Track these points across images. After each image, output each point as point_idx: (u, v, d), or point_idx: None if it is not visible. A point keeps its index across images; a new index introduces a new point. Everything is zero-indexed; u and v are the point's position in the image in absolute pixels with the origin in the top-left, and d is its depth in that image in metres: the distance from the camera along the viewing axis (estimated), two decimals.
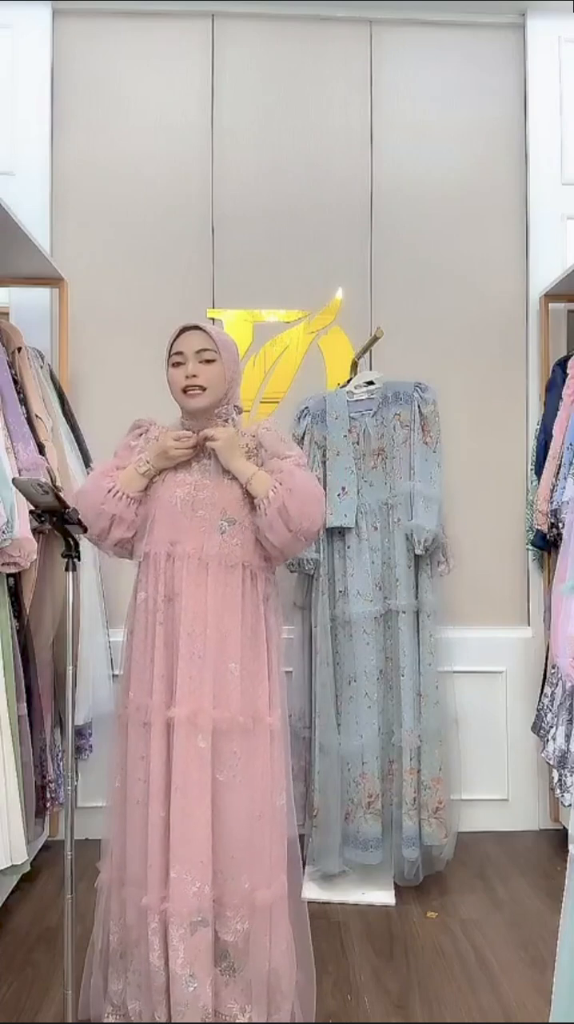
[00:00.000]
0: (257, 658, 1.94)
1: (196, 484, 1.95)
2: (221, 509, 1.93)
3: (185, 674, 1.86)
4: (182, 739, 1.83)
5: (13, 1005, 2.04)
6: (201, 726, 1.83)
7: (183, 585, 1.90)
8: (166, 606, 1.91)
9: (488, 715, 3.16)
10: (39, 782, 2.42)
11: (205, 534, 1.91)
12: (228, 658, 1.88)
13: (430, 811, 2.64)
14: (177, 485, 1.95)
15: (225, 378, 1.97)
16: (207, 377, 1.94)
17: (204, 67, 3.26)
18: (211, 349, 1.94)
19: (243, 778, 1.85)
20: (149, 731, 1.87)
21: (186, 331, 1.97)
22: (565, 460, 2.78)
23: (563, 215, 3.28)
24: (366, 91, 3.30)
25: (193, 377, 1.93)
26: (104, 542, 1.98)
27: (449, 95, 3.31)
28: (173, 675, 1.87)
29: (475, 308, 3.28)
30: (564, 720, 2.60)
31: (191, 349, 1.94)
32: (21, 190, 3.07)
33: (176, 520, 1.92)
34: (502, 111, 3.32)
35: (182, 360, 1.95)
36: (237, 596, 1.92)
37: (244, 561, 1.94)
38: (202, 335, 1.95)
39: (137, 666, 1.94)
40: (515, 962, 2.25)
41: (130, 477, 1.96)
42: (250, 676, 1.91)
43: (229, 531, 1.93)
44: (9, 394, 2.38)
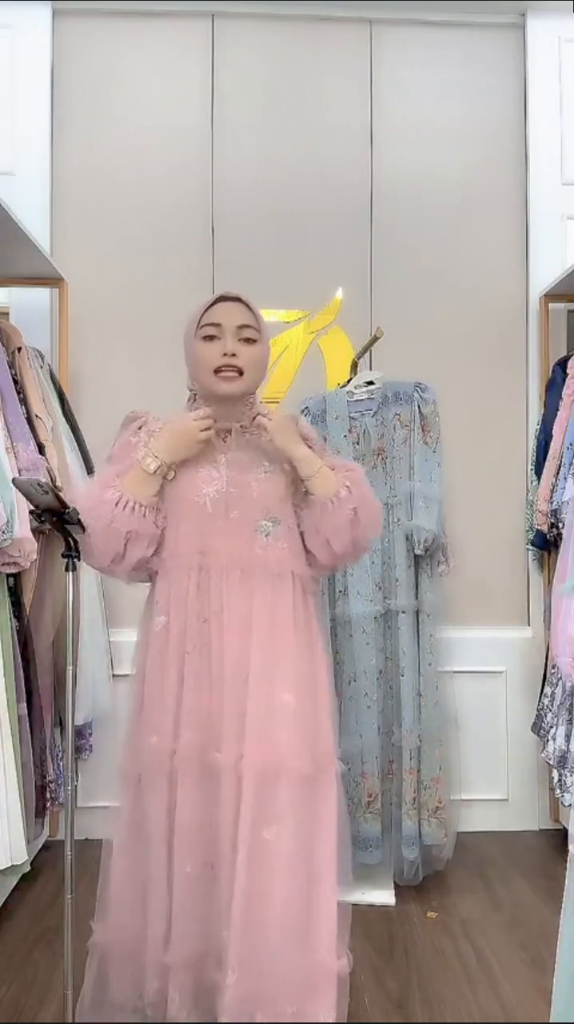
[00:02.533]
0: (314, 686, 1.63)
1: (228, 479, 1.65)
2: (262, 507, 1.64)
3: (230, 710, 1.57)
4: (224, 788, 1.56)
5: (13, 1005, 2.04)
6: (246, 774, 1.54)
7: (223, 601, 1.60)
8: (199, 629, 1.60)
9: (488, 715, 3.16)
10: (39, 782, 2.42)
11: (244, 538, 1.62)
12: (280, 687, 1.58)
13: (430, 811, 2.64)
14: (203, 482, 1.65)
15: (263, 362, 1.70)
16: (247, 359, 1.65)
17: (204, 67, 3.26)
18: (254, 327, 1.66)
19: (298, 837, 1.56)
20: (174, 782, 1.59)
21: (224, 301, 1.67)
22: (565, 460, 2.78)
23: (563, 215, 3.28)
24: (366, 91, 3.30)
25: (232, 356, 1.63)
26: (119, 567, 1.64)
27: (449, 95, 3.31)
28: (210, 713, 1.59)
29: (475, 308, 3.28)
30: (564, 720, 2.60)
31: (231, 323, 1.65)
32: (21, 190, 3.07)
33: (206, 524, 1.62)
34: (502, 111, 3.32)
35: (218, 334, 1.64)
36: (288, 611, 1.62)
37: (294, 569, 1.66)
38: (244, 309, 1.67)
39: (155, 707, 1.62)
40: (515, 962, 2.25)
41: (138, 480, 1.62)
42: (308, 709, 1.61)
43: (274, 533, 1.65)
44: (9, 394, 2.38)
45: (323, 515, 1.64)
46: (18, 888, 2.59)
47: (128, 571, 1.66)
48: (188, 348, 1.69)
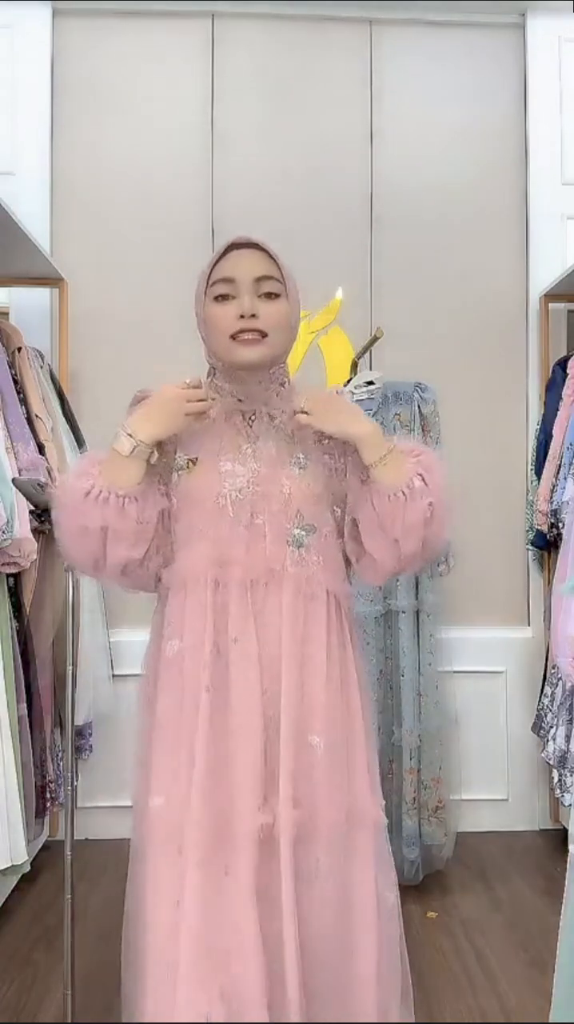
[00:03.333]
0: (350, 723, 1.37)
1: (253, 475, 1.36)
2: (295, 511, 1.36)
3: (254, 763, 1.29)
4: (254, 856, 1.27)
5: (13, 1005, 2.04)
6: (280, 836, 1.27)
7: (243, 626, 1.31)
8: (214, 661, 1.31)
9: (488, 715, 3.16)
10: (39, 782, 2.42)
11: (271, 549, 1.34)
12: (310, 729, 1.32)
13: (430, 811, 2.64)
14: (223, 478, 1.36)
15: (291, 323, 1.39)
16: (270, 318, 1.34)
17: (204, 67, 3.26)
18: (276, 279, 1.36)
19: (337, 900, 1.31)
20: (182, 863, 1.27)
21: (238, 249, 1.37)
22: (565, 460, 2.78)
23: (563, 215, 3.28)
24: (366, 91, 3.30)
25: (251, 318, 1.33)
26: (103, 572, 1.36)
27: (449, 95, 3.31)
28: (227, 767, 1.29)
29: (475, 308, 3.28)
30: (564, 720, 2.61)
31: (248, 276, 1.34)
32: (21, 190, 3.07)
33: (224, 529, 1.34)
34: (502, 111, 3.32)
35: (232, 292, 1.34)
36: (321, 637, 1.35)
37: (329, 587, 1.38)
38: (263, 257, 1.37)
39: (165, 760, 1.32)
40: (515, 962, 2.25)
41: (114, 465, 1.30)
42: (339, 751, 1.34)
43: (307, 543, 1.36)
44: (9, 394, 2.38)
45: (393, 510, 1.33)
46: (18, 888, 2.59)
47: (118, 577, 1.37)
48: (199, 312, 1.39)
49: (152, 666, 1.40)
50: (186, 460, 1.39)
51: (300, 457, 1.40)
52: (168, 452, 1.40)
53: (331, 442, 1.42)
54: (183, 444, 1.40)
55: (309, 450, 1.42)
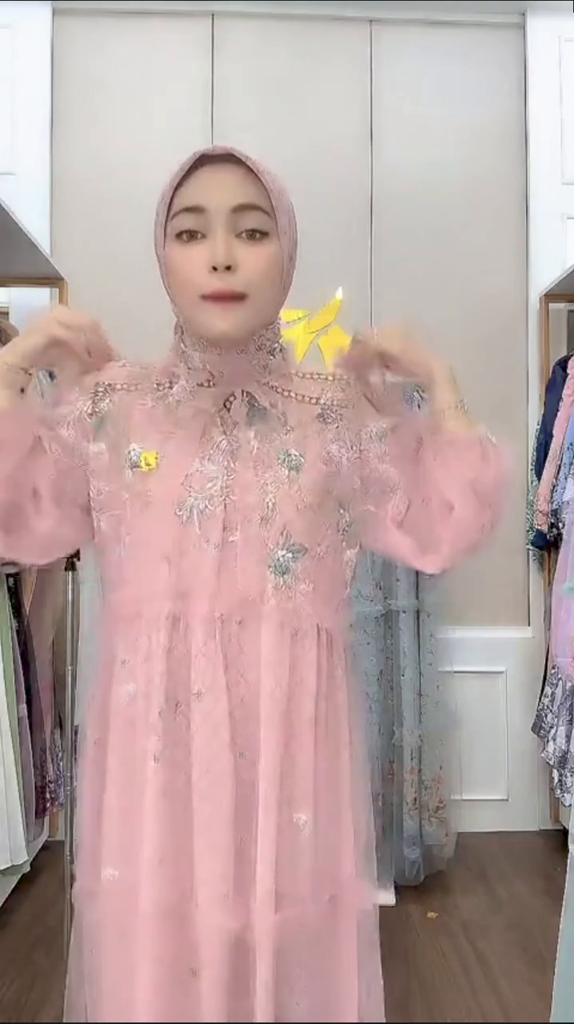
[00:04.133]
0: (337, 793, 1.09)
1: (228, 477, 1.04)
2: (280, 528, 1.04)
3: (227, 847, 1.01)
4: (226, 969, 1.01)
5: (13, 1005, 2.04)
6: (258, 943, 1.00)
7: (210, 675, 1.02)
8: (168, 719, 1.02)
9: (488, 715, 3.16)
10: (39, 782, 2.42)
11: (247, 576, 1.03)
12: (295, 805, 1.04)
13: (430, 811, 2.64)
14: (188, 481, 1.04)
15: (282, 272, 1.04)
16: (253, 271, 1.00)
17: (204, 67, 3.26)
18: (263, 209, 1.01)
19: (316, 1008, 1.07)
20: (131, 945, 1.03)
21: (209, 165, 1.02)
22: (565, 460, 2.78)
23: (563, 215, 3.27)
24: (366, 91, 3.30)
25: (226, 271, 0.99)
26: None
27: (449, 95, 3.30)
28: (186, 853, 1.02)
29: (475, 308, 3.28)
30: (564, 720, 2.61)
31: (223, 205, 1.00)
32: (21, 190, 3.06)
33: (188, 549, 1.03)
34: (502, 111, 3.32)
35: (201, 228, 1.00)
36: (310, 687, 1.05)
37: (320, 622, 1.07)
38: (245, 177, 1.01)
39: (115, 827, 1.06)
40: (515, 962, 2.24)
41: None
42: (327, 828, 1.07)
43: (294, 569, 1.04)
44: None
45: (462, 454, 1.07)
46: (18, 888, 2.59)
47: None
48: (158, 254, 1.06)
49: (98, 712, 1.10)
50: (141, 454, 1.05)
51: (293, 453, 1.06)
52: (116, 440, 1.07)
53: (338, 427, 1.10)
54: (137, 432, 1.07)
55: (307, 440, 1.08)
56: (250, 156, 1.02)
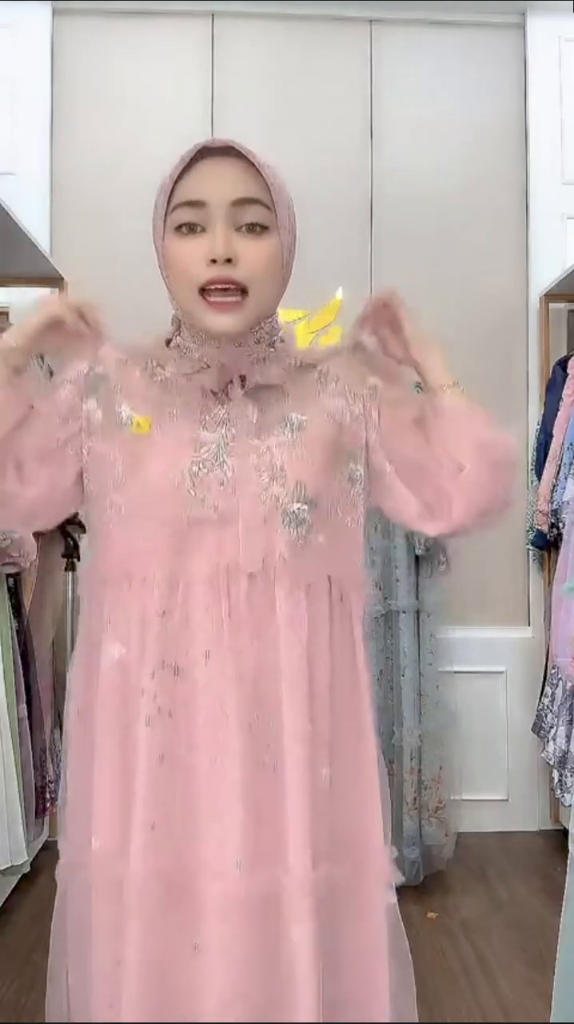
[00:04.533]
0: (360, 750, 1.09)
1: (225, 444, 1.04)
2: (293, 482, 1.03)
3: (240, 811, 0.99)
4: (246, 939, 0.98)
5: (13, 1005, 2.04)
6: (295, 906, 0.98)
7: (217, 636, 1.00)
8: (164, 682, 1.01)
9: (488, 715, 3.16)
10: (39, 782, 2.42)
11: (258, 534, 1.02)
12: (318, 761, 1.03)
13: (430, 811, 2.64)
14: (181, 445, 1.04)
15: (282, 266, 1.05)
16: (253, 265, 1.00)
17: (204, 67, 3.26)
18: (263, 203, 1.01)
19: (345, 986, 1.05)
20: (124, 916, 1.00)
21: (210, 158, 1.02)
22: (565, 460, 2.78)
23: (563, 215, 3.27)
24: (366, 91, 3.29)
25: (226, 264, 0.99)
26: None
27: (449, 95, 3.30)
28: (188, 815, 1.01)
29: (475, 308, 3.28)
30: (564, 720, 2.61)
31: (223, 198, 1.00)
32: (21, 190, 3.06)
33: (182, 510, 1.02)
34: (502, 111, 3.32)
35: (201, 222, 1.00)
36: (323, 641, 1.05)
37: (332, 574, 1.07)
38: (246, 171, 1.01)
39: (103, 792, 1.04)
40: (515, 962, 2.24)
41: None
42: (349, 787, 1.07)
43: (309, 520, 1.04)
44: None
45: (471, 419, 1.12)
46: (18, 888, 2.59)
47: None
48: (157, 246, 1.07)
49: (83, 679, 1.08)
50: (132, 417, 1.06)
51: (294, 417, 1.07)
52: (109, 400, 1.08)
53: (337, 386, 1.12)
54: (129, 396, 1.08)
55: (307, 402, 1.09)
56: (251, 149, 1.02)
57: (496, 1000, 2.07)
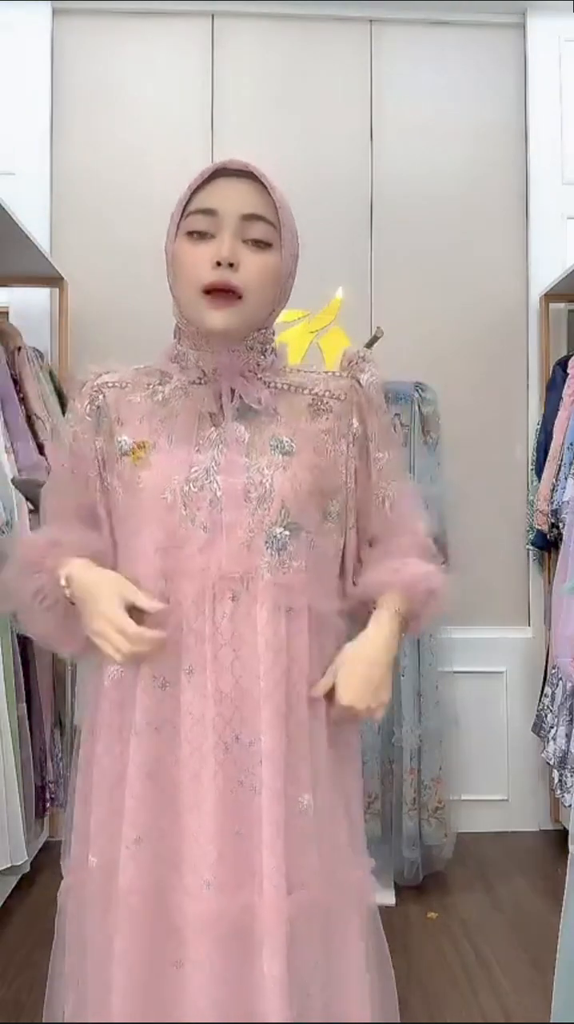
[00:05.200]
0: (338, 776, 1.12)
1: (217, 463, 1.08)
2: (279, 505, 1.07)
3: (214, 830, 1.02)
4: (216, 964, 1.00)
5: (13, 1005, 2.04)
6: (268, 932, 0.99)
7: (199, 652, 1.04)
8: (153, 696, 1.06)
9: (488, 715, 3.16)
10: (39, 782, 2.42)
11: (244, 552, 1.06)
12: (298, 786, 1.05)
13: (430, 811, 2.64)
14: (176, 469, 1.08)
15: (280, 280, 1.11)
16: (253, 274, 1.06)
17: (204, 67, 3.26)
18: (269, 222, 1.09)
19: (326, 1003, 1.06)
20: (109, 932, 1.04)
21: (226, 177, 1.11)
22: (565, 460, 2.78)
23: (563, 215, 3.27)
24: (366, 91, 3.29)
25: (228, 268, 1.05)
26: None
27: (449, 95, 3.30)
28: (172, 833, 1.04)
29: (475, 308, 3.28)
30: (564, 720, 2.60)
31: (234, 210, 1.08)
32: (21, 190, 3.06)
33: (175, 530, 1.07)
34: (502, 111, 3.32)
35: (211, 229, 1.07)
36: (303, 665, 1.08)
37: (311, 601, 1.10)
38: (258, 192, 1.10)
39: (105, 811, 1.09)
40: (515, 962, 2.24)
41: (56, 585, 1.11)
42: (327, 813, 1.09)
43: (290, 546, 1.08)
44: (8, 394, 2.39)
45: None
46: (18, 888, 2.59)
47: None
48: (167, 249, 1.14)
49: (93, 695, 1.15)
50: (132, 444, 1.11)
51: (284, 440, 1.10)
52: (110, 432, 1.14)
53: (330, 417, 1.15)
54: (127, 425, 1.13)
55: (298, 428, 1.12)
56: (264, 174, 1.11)
57: (496, 1000, 2.07)
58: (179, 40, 3.25)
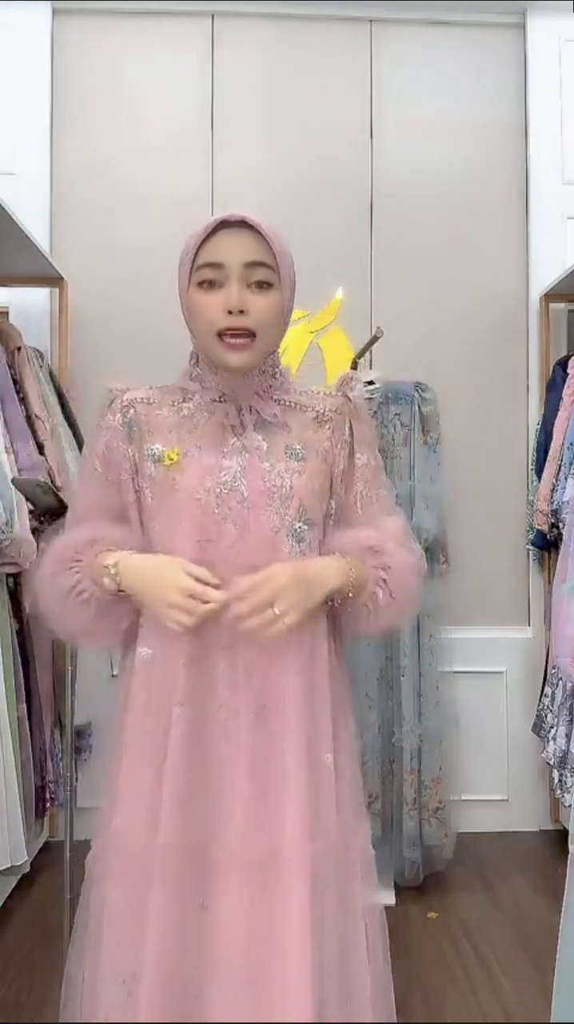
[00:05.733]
0: (345, 737, 1.29)
1: (242, 468, 1.24)
2: (298, 503, 1.24)
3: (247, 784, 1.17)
4: (246, 898, 1.14)
5: (13, 1005, 2.04)
6: (295, 877, 1.14)
7: (233, 632, 1.17)
8: (193, 670, 1.20)
9: (488, 715, 3.16)
10: (39, 783, 2.42)
11: (266, 544, 1.22)
12: (321, 745, 1.22)
13: (430, 811, 2.64)
14: (206, 472, 1.23)
15: (284, 316, 1.28)
16: (261, 314, 1.22)
17: (204, 67, 3.26)
18: (269, 265, 1.24)
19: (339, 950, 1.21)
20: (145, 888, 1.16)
21: (227, 228, 1.24)
22: (565, 460, 2.78)
23: (563, 215, 3.27)
24: (366, 91, 3.29)
25: (240, 315, 1.20)
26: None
27: (449, 95, 3.30)
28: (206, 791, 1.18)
29: (475, 308, 3.28)
30: (564, 720, 2.60)
31: (237, 261, 1.22)
32: (21, 190, 3.06)
33: (208, 527, 1.22)
34: (502, 111, 3.32)
35: (219, 279, 1.22)
36: (322, 643, 1.26)
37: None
38: (255, 239, 1.24)
39: (135, 775, 1.22)
40: (515, 962, 2.24)
41: (99, 575, 1.22)
42: (342, 770, 1.26)
43: (308, 538, 1.26)
44: (8, 394, 2.39)
45: (358, 619, 1.29)
46: (18, 888, 2.59)
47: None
48: (182, 296, 1.29)
49: (126, 671, 1.28)
50: (162, 451, 1.26)
51: (296, 448, 1.28)
52: (140, 442, 1.28)
53: (329, 428, 1.32)
54: (156, 434, 1.28)
55: (306, 439, 1.29)
56: (260, 222, 1.25)
57: (496, 1000, 2.07)
58: (179, 40, 3.25)
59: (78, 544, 1.25)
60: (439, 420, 2.78)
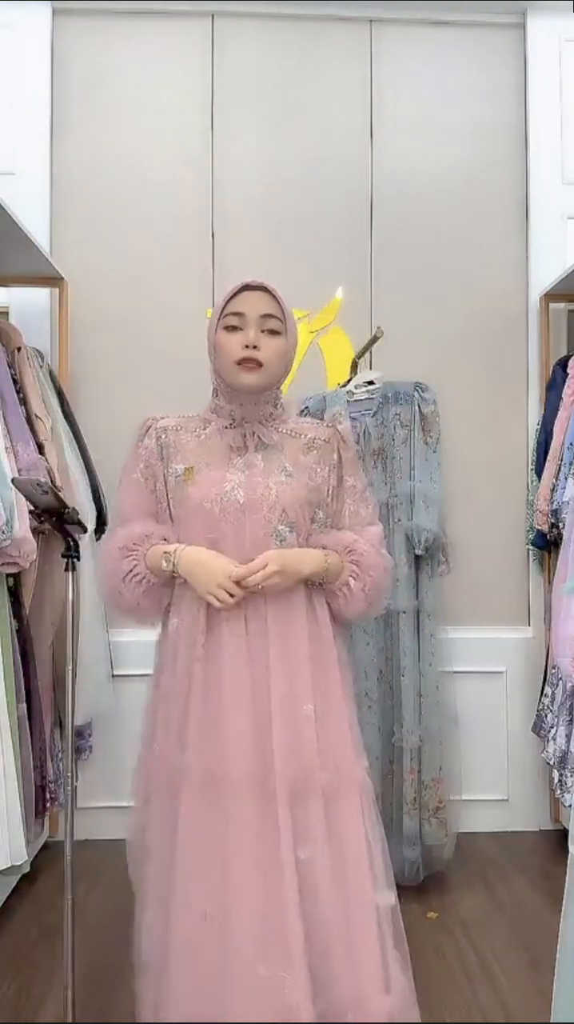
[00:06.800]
0: (329, 694, 1.62)
1: (242, 482, 1.63)
2: (281, 510, 1.62)
3: (245, 724, 1.55)
4: (248, 808, 1.52)
5: (13, 1005, 2.04)
6: (276, 791, 1.52)
7: (243, 604, 1.58)
8: (206, 636, 1.60)
9: (488, 715, 3.16)
10: (39, 782, 2.42)
11: (257, 542, 1.60)
12: (300, 699, 1.58)
13: (430, 811, 2.64)
14: (215, 484, 1.62)
15: (286, 357, 1.67)
16: (269, 352, 1.63)
17: (204, 67, 3.26)
18: (278, 318, 1.64)
19: (331, 854, 1.54)
20: (175, 799, 1.57)
21: (249, 290, 1.64)
22: (565, 460, 2.78)
23: (563, 215, 3.28)
24: (366, 91, 3.30)
25: (254, 349, 1.61)
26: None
27: (449, 95, 3.31)
28: (219, 726, 1.56)
29: (475, 308, 3.28)
30: (564, 720, 2.60)
31: (255, 312, 1.63)
32: (21, 190, 3.06)
33: (216, 527, 1.61)
34: (502, 111, 3.32)
35: (240, 324, 1.63)
36: (301, 620, 1.62)
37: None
38: (269, 299, 1.64)
39: (161, 714, 1.64)
40: (515, 962, 2.24)
41: (157, 561, 1.62)
42: (325, 718, 1.60)
43: (289, 539, 1.63)
44: (9, 394, 2.38)
45: (334, 601, 1.67)
46: (18, 888, 2.59)
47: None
48: (211, 338, 1.67)
49: (162, 637, 1.70)
50: (184, 468, 1.67)
51: (287, 467, 1.66)
52: (168, 461, 1.69)
53: (317, 453, 1.70)
54: (180, 456, 1.68)
55: (297, 461, 1.68)
56: (274, 287, 1.66)
57: (496, 1000, 2.07)
58: (179, 40, 3.26)
59: (135, 537, 1.64)
60: (439, 420, 2.78)
